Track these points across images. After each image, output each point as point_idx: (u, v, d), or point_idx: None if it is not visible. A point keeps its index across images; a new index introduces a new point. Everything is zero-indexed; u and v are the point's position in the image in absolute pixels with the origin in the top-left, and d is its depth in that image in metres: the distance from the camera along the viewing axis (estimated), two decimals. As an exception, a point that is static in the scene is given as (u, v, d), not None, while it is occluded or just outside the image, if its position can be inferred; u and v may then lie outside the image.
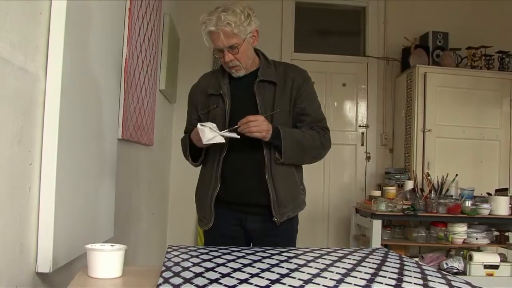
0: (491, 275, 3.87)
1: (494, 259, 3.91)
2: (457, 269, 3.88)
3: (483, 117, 4.78)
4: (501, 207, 3.94)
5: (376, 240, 3.82)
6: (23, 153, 1.38)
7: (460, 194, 4.09)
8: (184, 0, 4.80)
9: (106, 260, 1.34)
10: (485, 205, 3.92)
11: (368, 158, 5.25)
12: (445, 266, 3.88)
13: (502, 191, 4.16)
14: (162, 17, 3.61)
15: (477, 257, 3.90)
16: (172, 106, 4.77)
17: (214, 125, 2.01)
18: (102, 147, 2.08)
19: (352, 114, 5.28)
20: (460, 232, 3.95)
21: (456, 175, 4.15)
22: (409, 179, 4.44)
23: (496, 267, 3.88)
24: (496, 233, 4.11)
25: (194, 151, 2.22)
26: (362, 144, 5.26)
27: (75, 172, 1.71)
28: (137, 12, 2.60)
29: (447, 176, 4.15)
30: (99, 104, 2.01)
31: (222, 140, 2.00)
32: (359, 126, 5.28)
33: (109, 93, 2.17)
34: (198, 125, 1.99)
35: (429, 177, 4.21)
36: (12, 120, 1.31)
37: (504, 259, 4.02)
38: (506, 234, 4.08)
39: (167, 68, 3.77)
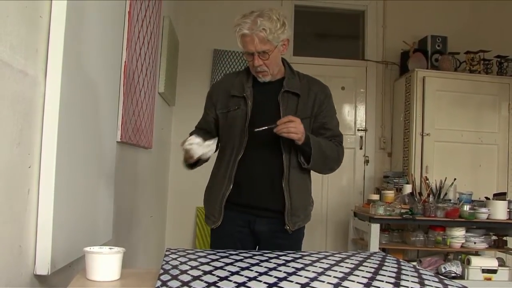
0: (489, 279, 3.88)
1: (492, 263, 3.92)
2: (455, 273, 3.89)
3: (482, 121, 4.79)
4: (499, 211, 3.95)
5: (374, 244, 3.83)
6: (22, 155, 1.38)
7: (458, 198, 4.10)
8: (184, 1, 4.81)
9: (105, 263, 1.34)
10: (483, 209, 3.93)
11: (366, 161, 5.25)
12: (443, 270, 3.89)
13: (500, 196, 4.17)
14: (162, 20, 3.62)
15: (475, 261, 3.91)
16: (171, 108, 4.78)
17: (198, 140, 2.02)
18: (101, 149, 2.08)
19: (350, 117, 5.29)
20: (458, 236, 3.96)
21: (455, 179, 4.16)
22: (408, 183, 4.45)
23: (494, 271, 3.89)
24: (494, 237, 4.12)
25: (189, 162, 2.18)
26: (361, 148, 5.27)
27: (74, 174, 1.72)
28: (136, 15, 2.60)
29: (445, 180, 4.16)
30: (98, 107, 2.01)
31: (212, 151, 2.06)
32: (358, 129, 5.28)
33: (108, 96, 2.18)
34: (186, 146, 2.00)
35: (427, 181, 4.22)
36: (11, 122, 1.32)
37: (502, 263, 4.03)
38: (504, 238, 4.09)
39: (166, 71, 3.78)
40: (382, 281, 1.33)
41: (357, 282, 1.30)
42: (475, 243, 3.99)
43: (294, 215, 2.15)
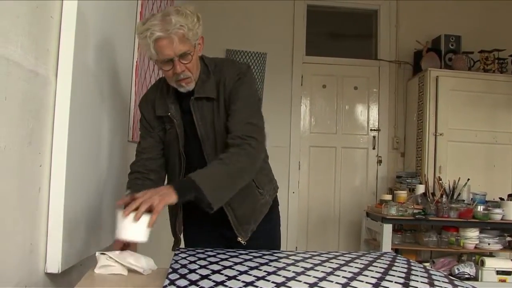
0: (503, 281, 3.83)
1: (507, 265, 3.87)
2: (469, 274, 3.85)
3: (496, 121, 4.73)
4: (514, 212, 3.90)
5: (387, 244, 3.80)
6: (33, 154, 1.40)
7: (472, 198, 4.06)
8: (196, 1, 4.82)
9: (133, 222, 1.41)
10: (497, 210, 3.88)
11: (379, 161, 5.23)
12: (456, 271, 3.85)
13: (514, 196, 4.12)
14: (174, 20, 3.62)
15: (489, 262, 3.86)
16: (184, 108, 4.79)
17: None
18: (112, 148, 2.09)
19: (363, 117, 5.27)
20: (471, 237, 3.92)
21: (468, 179, 4.12)
22: (421, 183, 4.42)
23: (509, 273, 3.84)
24: (508, 238, 4.07)
25: None
26: (374, 148, 5.24)
27: (85, 173, 1.73)
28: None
29: (458, 180, 4.13)
30: (109, 106, 2.02)
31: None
32: (371, 129, 5.26)
33: (120, 95, 2.19)
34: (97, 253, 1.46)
35: (440, 181, 4.19)
36: (22, 122, 1.33)
37: (516, 264, 3.98)
38: (519, 239, 4.04)
39: (179, 71, 3.78)
40: (391, 281, 1.32)
41: (366, 282, 1.29)
42: (489, 244, 3.95)
43: (244, 223, 1.92)
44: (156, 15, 1.68)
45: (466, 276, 3.82)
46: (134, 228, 1.42)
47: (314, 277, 1.33)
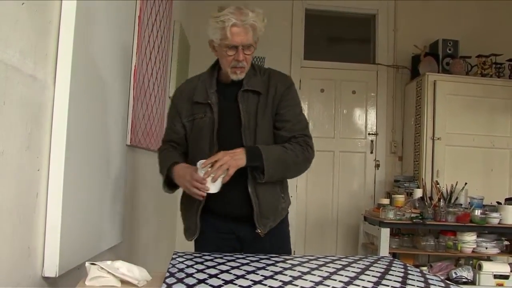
0: (501, 285, 3.84)
1: (504, 269, 3.87)
2: (466, 278, 3.85)
3: (494, 126, 4.75)
4: (511, 216, 3.91)
5: (384, 248, 3.81)
6: (31, 159, 1.40)
7: (469, 202, 4.07)
8: (195, 6, 4.84)
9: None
10: (495, 214, 3.89)
11: (377, 165, 5.24)
12: (454, 275, 3.86)
13: (512, 200, 4.13)
14: (172, 25, 3.64)
15: (487, 266, 3.87)
16: (182, 112, 4.79)
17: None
18: (110, 153, 2.10)
19: (361, 121, 5.28)
20: (469, 241, 3.93)
21: (465, 183, 4.13)
22: (418, 187, 4.43)
23: (506, 277, 3.84)
24: (506, 242, 4.08)
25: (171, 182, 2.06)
26: (372, 152, 5.25)
27: (83, 177, 1.73)
28: (146, 20, 2.63)
29: (456, 184, 4.14)
30: (107, 111, 2.03)
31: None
32: (369, 133, 5.27)
33: (118, 100, 2.20)
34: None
35: (438, 185, 4.20)
36: (20, 126, 1.34)
37: (514, 269, 3.98)
38: (516, 243, 4.05)
39: (177, 75, 3.80)
40: (388, 285, 1.33)
41: (363, 287, 1.30)
42: (486, 248, 3.96)
43: (264, 217, 2.03)
44: (231, 7, 1.92)
45: (464, 280, 3.83)
46: (211, 183, 1.83)
47: (311, 281, 1.34)
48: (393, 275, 1.49)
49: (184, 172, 1.93)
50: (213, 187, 1.84)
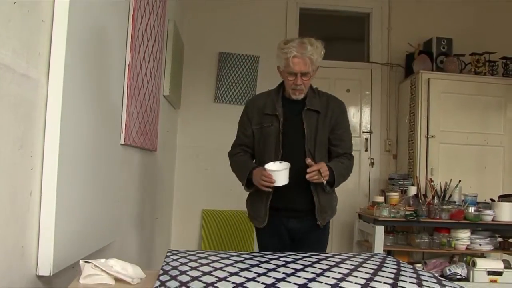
0: (494, 281, 3.86)
1: (498, 265, 3.90)
2: (460, 275, 3.87)
3: (487, 123, 4.77)
4: (504, 213, 3.93)
5: (379, 246, 3.82)
6: (24, 158, 1.40)
7: (463, 200, 4.09)
8: (189, 5, 4.84)
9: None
10: (488, 211, 3.92)
11: (371, 164, 5.25)
12: (448, 272, 3.88)
13: (506, 197, 4.15)
14: (166, 23, 3.64)
15: (481, 263, 3.89)
16: (177, 111, 4.80)
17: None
18: (104, 152, 2.10)
19: (356, 120, 5.29)
20: (463, 238, 3.95)
21: (459, 181, 4.15)
22: (413, 185, 4.45)
23: (499, 273, 3.87)
24: (499, 239, 4.10)
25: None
26: (366, 150, 5.27)
27: (77, 176, 1.74)
28: (140, 19, 2.62)
29: (450, 182, 4.16)
30: (101, 110, 2.03)
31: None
32: (363, 132, 5.28)
33: (112, 99, 2.20)
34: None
35: (432, 183, 4.22)
36: (13, 125, 1.34)
37: (508, 265, 4.00)
38: (510, 240, 4.07)
39: (171, 74, 3.80)
40: (380, 282, 1.34)
41: (355, 283, 1.31)
42: (480, 245, 3.98)
43: (323, 211, 2.58)
44: (295, 40, 2.49)
45: (458, 277, 3.85)
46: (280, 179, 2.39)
47: (304, 278, 1.34)
48: (386, 271, 1.50)
49: (257, 173, 2.49)
50: (282, 181, 2.40)
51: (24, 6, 1.36)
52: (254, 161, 2.69)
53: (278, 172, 2.40)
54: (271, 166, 2.44)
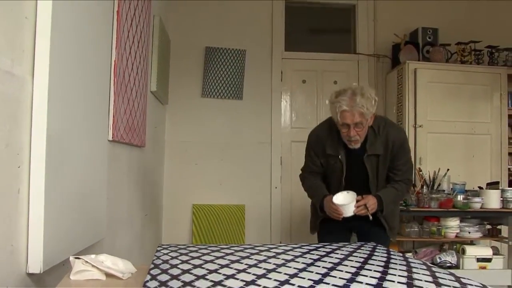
0: (484, 268, 3.90)
1: (487, 252, 3.94)
2: (450, 263, 3.91)
3: (474, 112, 4.81)
4: (492, 200, 3.97)
5: (369, 236, 3.84)
6: (11, 156, 1.40)
7: (452, 188, 4.12)
8: (174, 2, 4.82)
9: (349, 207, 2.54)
10: (477, 199, 3.95)
11: (361, 155, 5.27)
12: (438, 260, 3.91)
13: (493, 185, 4.19)
14: (152, 19, 3.62)
15: (470, 250, 3.93)
16: (165, 107, 4.79)
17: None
18: (92, 148, 2.09)
19: (344, 111, 5.29)
20: (452, 226, 3.98)
21: (448, 169, 4.18)
22: (402, 174, 4.45)
23: (488, 260, 3.91)
24: (488, 226, 4.14)
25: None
26: (355, 141, 5.27)
27: (65, 173, 1.73)
28: (125, 14, 2.61)
29: (438, 171, 4.18)
30: (88, 106, 2.02)
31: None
32: (352, 123, 5.29)
33: (98, 95, 2.19)
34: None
35: (421, 173, 4.24)
36: (-1, 123, 1.33)
37: (496, 252, 4.04)
38: (498, 227, 4.10)
39: (158, 70, 3.78)
40: (370, 270, 1.35)
41: (346, 272, 1.32)
42: (469, 232, 4.01)
43: (392, 228, 2.90)
44: (347, 92, 2.51)
45: (448, 264, 3.88)
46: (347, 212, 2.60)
47: (294, 268, 1.35)
48: (376, 260, 1.51)
49: (327, 203, 2.68)
50: (349, 213, 2.61)
51: (6, 3, 1.35)
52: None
53: (346, 206, 2.58)
54: (339, 197, 2.63)
